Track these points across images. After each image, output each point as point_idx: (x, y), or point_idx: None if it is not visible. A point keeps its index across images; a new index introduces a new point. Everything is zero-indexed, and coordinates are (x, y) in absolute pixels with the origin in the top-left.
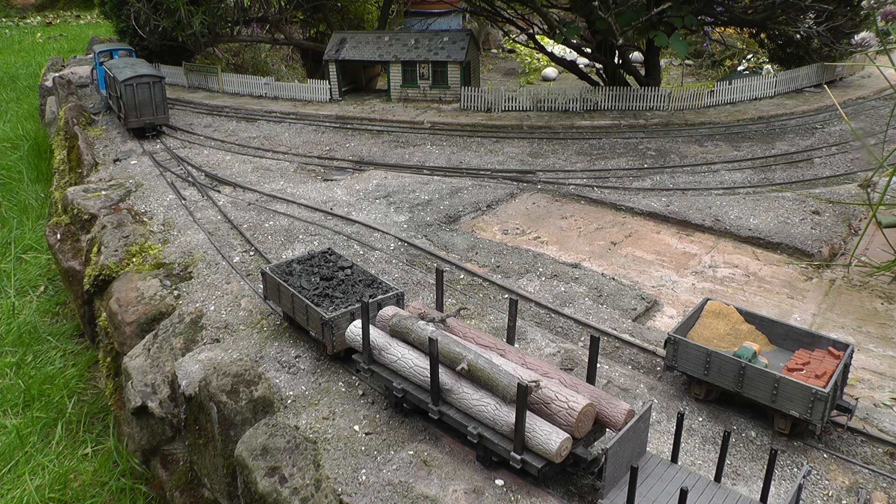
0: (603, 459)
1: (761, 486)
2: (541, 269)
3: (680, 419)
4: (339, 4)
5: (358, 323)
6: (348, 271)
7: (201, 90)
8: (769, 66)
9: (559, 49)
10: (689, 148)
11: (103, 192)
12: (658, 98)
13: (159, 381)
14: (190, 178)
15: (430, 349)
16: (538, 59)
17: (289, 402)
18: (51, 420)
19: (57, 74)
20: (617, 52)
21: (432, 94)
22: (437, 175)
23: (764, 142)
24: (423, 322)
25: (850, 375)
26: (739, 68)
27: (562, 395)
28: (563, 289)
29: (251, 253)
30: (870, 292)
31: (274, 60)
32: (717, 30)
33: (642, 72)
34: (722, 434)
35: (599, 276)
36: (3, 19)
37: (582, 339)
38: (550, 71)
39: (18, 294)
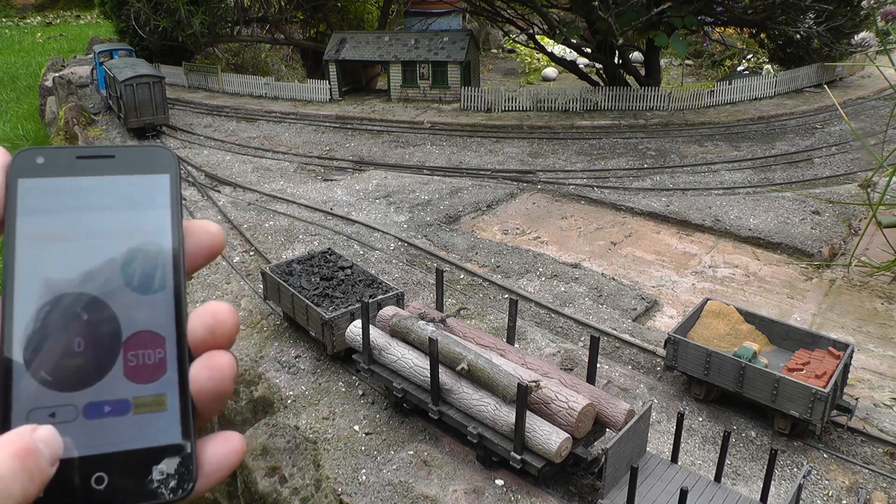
0: (603, 459)
1: (761, 486)
2: (541, 269)
3: (680, 419)
4: (339, 4)
5: (358, 323)
6: (348, 271)
7: (201, 90)
8: (769, 66)
9: (559, 49)
10: (689, 148)
11: None
12: (658, 98)
13: None
14: (190, 178)
15: (430, 349)
16: (538, 59)
17: (289, 402)
18: None
19: (57, 74)
20: (617, 52)
21: (432, 94)
22: (437, 175)
23: (764, 142)
24: (423, 322)
25: (850, 375)
26: (739, 68)
27: (562, 395)
28: (563, 289)
29: (251, 253)
30: (870, 292)
31: (274, 60)
32: (717, 30)
33: (642, 72)
34: (722, 434)
35: (599, 276)
36: (3, 19)
37: (582, 339)
38: (550, 71)
39: None
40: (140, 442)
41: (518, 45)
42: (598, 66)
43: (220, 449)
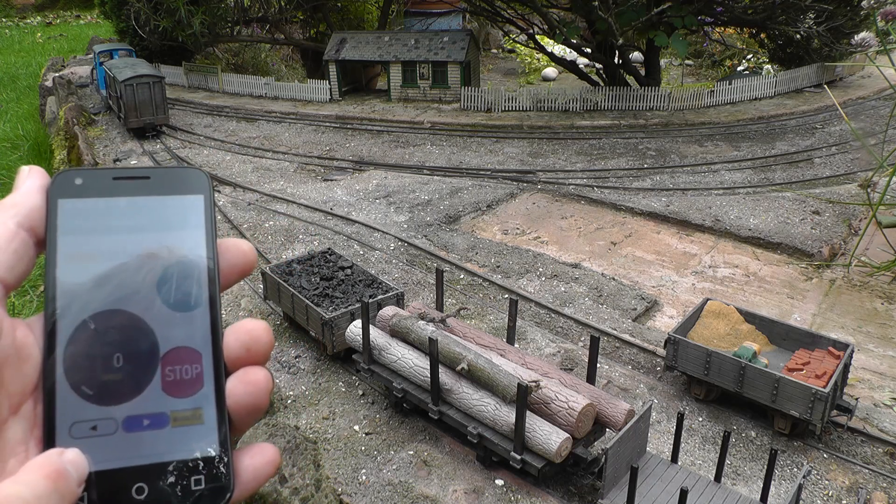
0: (603, 459)
1: (761, 486)
2: (541, 269)
3: (680, 419)
4: (339, 4)
5: (358, 323)
6: (348, 271)
7: (201, 90)
8: (769, 66)
9: (559, 49)
10: (689, 148)
11: None
12: (658, 98)
13: None
14: None
15: (430, 349)
16: (538, 59)
17: (289, 402)
18: None
19: (57, 74)
20: (617, 52)
21: (432, 94)
22: (437, 175)
23: (764, 142)
24: (423, 322)
25: (850, 375)
26: (739, 68)
27: (562, 395)
28: (563, 289)
29: None
30: (870, 292)
31: (274, 60)
32: (717, 30)
33: (642, 72)
34: (722, 434)
35: (599, 276)
36: (3, 19)
37: (582, 339)
38: (550, 71)
39: (18, 294)
40: (179, 454)
41: (518, 45)
42: (598, 66)
43: (256, 460)
